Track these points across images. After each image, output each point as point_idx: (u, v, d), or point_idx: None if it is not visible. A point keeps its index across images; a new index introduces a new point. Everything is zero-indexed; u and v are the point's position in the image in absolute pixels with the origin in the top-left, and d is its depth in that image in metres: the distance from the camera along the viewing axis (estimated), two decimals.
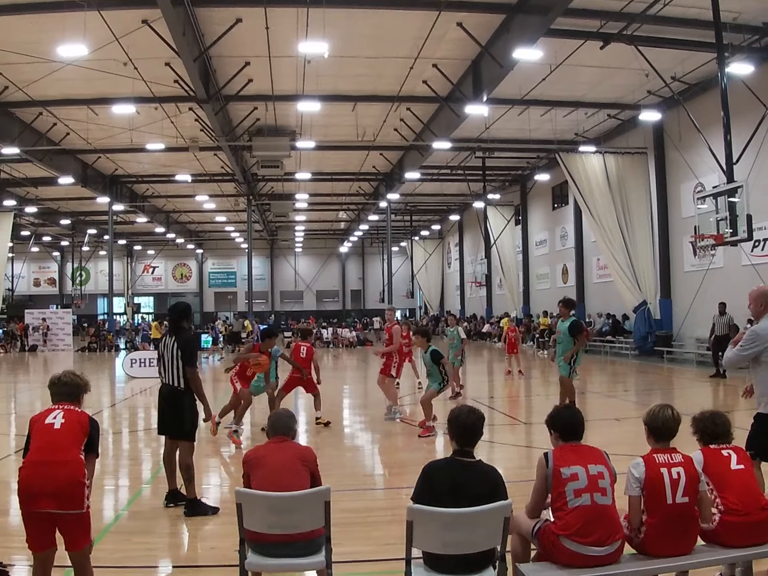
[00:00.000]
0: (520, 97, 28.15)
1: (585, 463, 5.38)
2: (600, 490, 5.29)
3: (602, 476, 5.34)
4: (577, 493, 5.25)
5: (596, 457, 5.49)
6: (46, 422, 5.64)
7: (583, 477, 5.29)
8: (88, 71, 23.57)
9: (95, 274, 72.23)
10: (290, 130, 33.63)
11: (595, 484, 5.29)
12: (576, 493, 5.26)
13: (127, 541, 7.57)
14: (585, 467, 5.34)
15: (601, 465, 5.41)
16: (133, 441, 14.52)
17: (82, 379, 6.13)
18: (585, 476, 5.30)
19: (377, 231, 68.25)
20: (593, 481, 5.29)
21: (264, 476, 5.77)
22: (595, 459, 5.46)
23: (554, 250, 44.74)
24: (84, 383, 6.12)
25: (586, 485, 5.27)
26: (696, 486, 5.43)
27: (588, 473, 5.32)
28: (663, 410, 5.72)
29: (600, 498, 5.26)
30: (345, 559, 6.65)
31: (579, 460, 5.40)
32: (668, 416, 5.69)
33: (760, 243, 25.08)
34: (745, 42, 23.08)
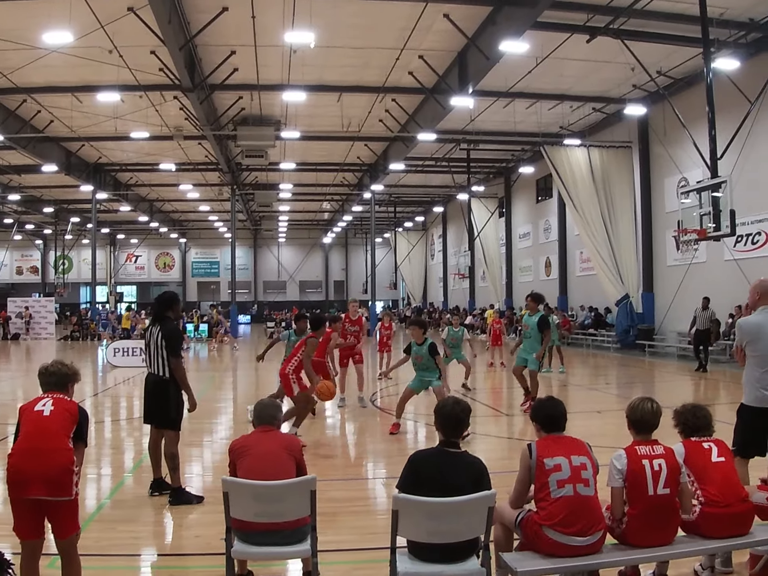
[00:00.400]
0: (505, 89, 28.20)
1: (568, 454, 5.43)
2: (583, 480, 5.34)
3: (585, 467, 5.39)
4: (560, 484, 5.30)
5: (579, 449, 5.55)
6: (36, 410, 5.65)
7: (566, 468, 5.34)
8: (73, 58, 23.43)
9: (78, 262, 71.89)
10: (275, 119, 33.56)
11: (578, 475, 5.34)
12: (559, 484, 5.30)
13: (112, 529, 7.57)
14: (568, 458, 5.39)
15: (583, 456, 5.47)
16: (116, 430, 14.49)
17: (70, 369, 6.13)
18: (568, 467, 5.35)
19: (361, 222, 68.24)
20: (576, 472, 5.35)
21: (250, 465, 5.80)
22: (578, 450, 5.52)
23: (538, 243, 44.85)
24: (72, 372, 6.12)
25: (569, 476, 5.32)
26: (677, 477, 5.48)
27: (571, 464, 5.37)
28: (643, 403, 5.78)
29: (583, 489, 5.32)
30: (330, 548, 6.67)
31: (562, 451, 5.45)
32: (648, 409, 5.74)
33: (743, 238, 25.24)
34: (731, 37, 23.19)
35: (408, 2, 21.31)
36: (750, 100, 23.07)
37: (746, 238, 25.41)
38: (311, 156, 41.71)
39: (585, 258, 36.69)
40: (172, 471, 8.59)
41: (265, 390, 17.51)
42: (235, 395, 20.80)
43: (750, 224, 25.10)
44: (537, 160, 39.19)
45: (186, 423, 11.35)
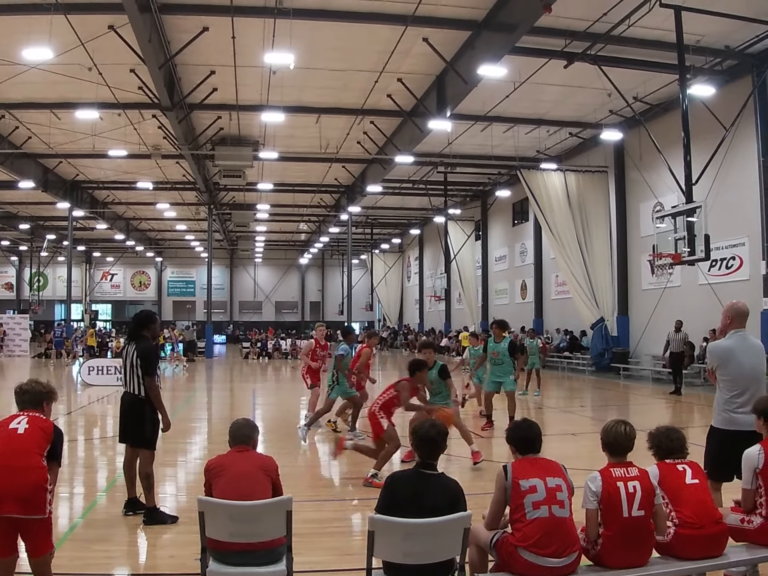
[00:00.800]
0: (483, 113, 28.42)
1: (543, 476, 5.45)
2: (558, 502, 5.36)
3: (560, 489, 5.42)
4: (536, 505, 5.31)
5: (554, 470, 5.57)
6: (10, 427, 5.63)
7: (542, 489, 5.36)
8: (53, 75, 23.36)
9: (53, 279, 71.42)
10: (253, 140, 33.60)
11: (553, 497, 5.36)
12: (534, 505, 5.31)
13: (86, 548, 7.50)
14: (543, 480, 5.41)
15: (559, 478, 5.49)
16: (90, 449, 14.38)
17: (45, 387, 6.12)
18: (543, 488, 5.36)
19: (337, 243, 68.26)
20: (551, 494, 5.37)
21: (226, 485, 5.77)
22: (553, 472, 5.54)
23: (513, 266, 45.02)
24: (47, 391, 6.11)
25: (545, 497, 5.34)
26: (651, 499, 5.51)
27: (546, 486, 5.38)
28: (617, 426, 5.81)
29: (558, 510, 5.33)
30: (306, 568, 6.65)
31: (537, 472, 5.47)
32: (621, 432, 5.77)
33: (717, 263, 25.46)
34: (707, 64, 23.46)
35: (387, 26, 21.45)
36: (725, 127, 23.32)
37: (720, 262, 25.63)
38: (289, 177, 41.74)
39: (560, 281, 36.84)
40: (146, 490, 8.53)
41: (240, 410, 17.49)
42: (209, 415, 20.72)
43: (724, 249, 25.32)
44: (514, 183, 39.42)
45: (161, 442, 11.28)
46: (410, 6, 19.89)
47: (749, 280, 24.68)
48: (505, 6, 19.97)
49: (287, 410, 20.02)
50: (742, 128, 23.87)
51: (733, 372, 7.29)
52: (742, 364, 7.31)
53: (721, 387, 7.37)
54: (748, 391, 7.16)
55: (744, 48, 22.98)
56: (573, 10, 20.01)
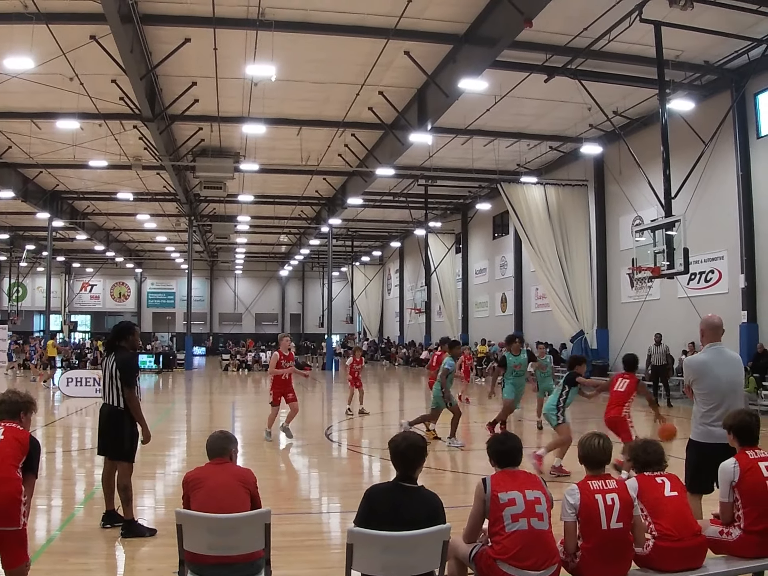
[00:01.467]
0: (464, 126, 28.47)
1: (522, 489, 5.46)
2: (537, 515, 5.36)
3: (539, 501, 5.43)
4: (515, 518, 5.32)
5: (533, 483, 5.58)
6: None
7: (521, 502, 5.37)
8: (34, 84, 23.23)
9: (32, 290, 70.87)
10: (234, 151, 33.56)
11: (532, 509, 5.37)
12: (513, 518, 5.32)
13: (64, 561, 7.44)
14: (522, 492, 5.43)
15: (537, 491, 5.50)
16: (68, 461, 14.30)
17: (23, 398, 6.08)
18: (522, 501, 5.37)
19: (318, 255, 68.25)
20: (530, 506, 5.37)
21: (204, 497, 5.73)
22: (532, 485, 5.55)
23: (494, 279, 45.10)
24: (24, 401, 6.07)
25: (524, 510, 5.34)
26: (630, 512, 5.54)
27: (525, 498, 5.40)
28: (592, 439, 5.87)
29: (537, 523, 5.34)
30: None
31: (516, 485, 5.48)
32: (596, 445, 5.83)
33: (696, 276, 25.60)
34: (686, 79, 23.65)
35: (369, 39, 21.49)
36: (704, 141, 23.46)
37: (699, 276, 25.78)
38: (270, 189, 41.70)
39: (540, 294, 36.93)
40: (124, 503, 8.47)
41: (219, 423, 17.43)
42: (188, 427, 20.63)
43: (703, 262, 25.49)
44: (494, 197, 39.49)
45: (139, 455, 11.20)
46: (392, 19, 19.96)
47: (728, 293, 24.84)
48: (486, 20, 20.06)
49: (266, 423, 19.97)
50: (721, 143, 24.04)
51: (709, 386, 7.34)
52: (719, 377, 7.37)
53: (698, 401, 7.43)
54: (724, 404, 7.20)
55: (723, 63, 23.18)
56: (554, 24, 20.14)
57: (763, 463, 5.88)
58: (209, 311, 77.66)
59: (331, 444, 16.41)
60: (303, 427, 18.47)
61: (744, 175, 23.85)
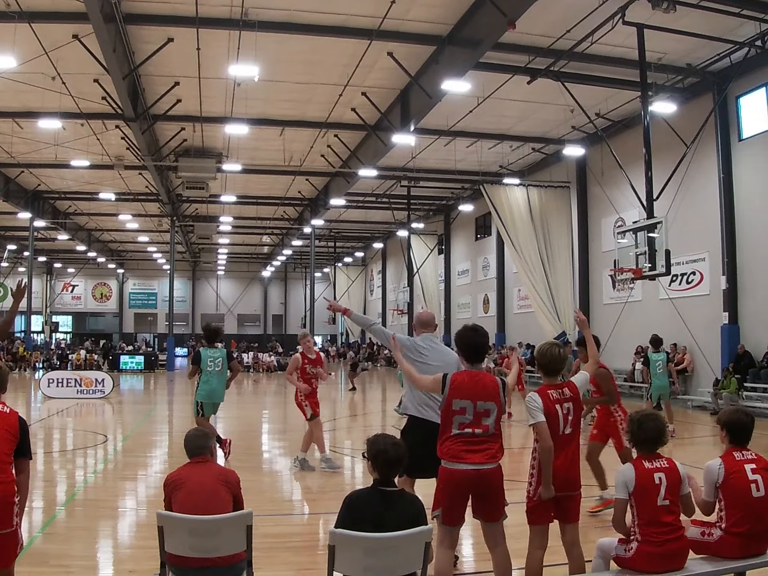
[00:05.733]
0: (447, 128, 28.50)
1: (475, 399, 5.84)
2: (483, 427, 5.86)
3: (488, 413, 5.88)
4: (461, 427, 5.82)
5: (488, 392, 5.96)
6: None
7: (471, 412, 5.82)
8: (16, 83, 23.13)
9: None
10: (217, 152, 33.50)
11: (479, 422, 5.84)
12: (460, 427, 5.82)
13: (44, 563, 7.40)
14: (474, 403, 5.83)
15: (490, 401, 5.90)
16: (49, 462, 14.23)
17: None
18: (472, 411, 5.82)
19: (300, 256, 68.16)
20: (478, 418, 5.85)
21: (185, 498, 5.65)
22: (487, 394, 5.94)
23: (476, 280, 45.19)
24: None
25: (471, 421, 5.82)
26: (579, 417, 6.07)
27: (475, 409, 5.82)
28: (552, 348, 6.24)
29: (482, 434, 5.87)
30: None
31: (471, 393, 5.90)
32: (556, 354, 6.18)
33: (678, 278, 25.71)
34: (668, 81, 23.78)
35: (353, 39, 21.50)
36: (686, 143, 23.54)
37: (681, 277, 25.89)
38: (252, 189, 41.66)
39: (523, 295, 36.99)
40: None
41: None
42: (170, 428, 20.57)
43: (685, 264, 25.60)
44: (476, 198, 39.53)
45: (120, 456, 11.17)
46: (375, 20, 19.99)
47: (709, 294, 24.96)
48: (469, 22, 20.10)
49: (249, 424, 19.93)
50: (703, 145, 24.13)
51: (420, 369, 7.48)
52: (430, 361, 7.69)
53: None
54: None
55: (705, 66, 23.27)
56: (537, 26, 20.19)
57: (749, 465, 5.86)
58: (191, 312, 77.43)
59: (313, 445, 16.36)
60: (285, 428, 18.45)
61: (726, 177, 23.96)
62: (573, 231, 33.05)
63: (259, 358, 50.79)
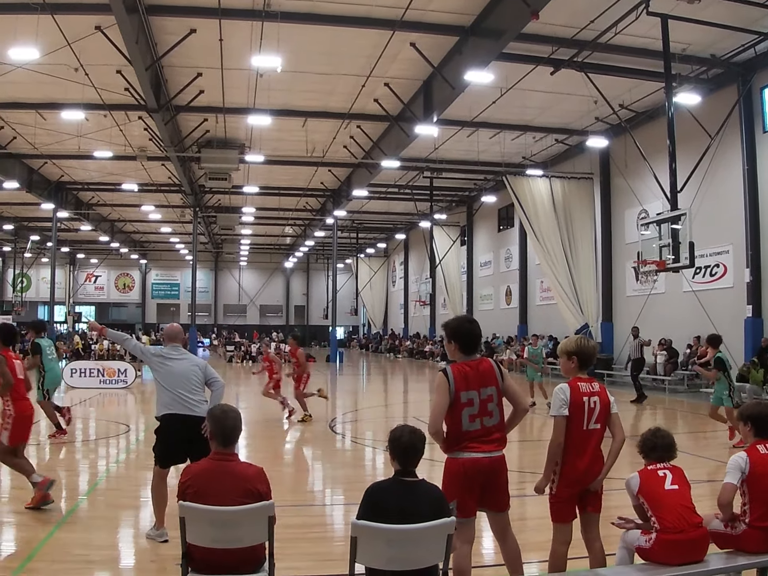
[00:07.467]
0: (469, 118, 28.42)
1: (478, 387, 5.84)
2: (488, 413, 5.85)
3: (491, 399, 5.88)
4: (471, 419, 5.79)
5: (488, 377, 5.96)
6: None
7: (477, 402, 5.81)
8: (39, 75, 23.20)
9: (37, 281, 70.95)
10: (240, 143, 33.52)
11: (485, 409, 5.84)
12: (470, 419, 5.79)
13: (67, 552, 7.44)
14: (478, 391, 5.82)
15: (491, 386, 5.91)
16: (71, 452, 14.29)
17: None
18: (477, 401, 5.81)
19: (323, 247, 68.06)
20: (483, 406, 5.83)
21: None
22: (488, 379, 5.94)
23: (498, 272, 45.10)
24: None
25: (478, 411, 5.81)
26: (608, 412, 6.05)
27: (480, 398, 5.83)
28: (588, 341, 6.30)
29: (488, 421, 5.85)
30: (286, 575, 6.56)
31: (474, 383, 5.87)
32: (592, 346, 6.32)
33: (702, 270, 25.55)
34: (692, 73, 23.56)
35: (375, 30, 21.43)
36: (710, 135, 23.40)
37: (705, 270, 25.73)
38: (275, 180, 41.71)
39: (545, 287, 36.91)
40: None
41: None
42: None
43: (708, 256, 25.41)
44: (499, 189, 39.41)
45: (142, 446, 11.20)
46: (398, 11, 19.91)
47: (733, 287, 24.81)
48: (492, 12, 19.99)
49: (270, 414, 19.95)
50: (727, 137, 23.97)
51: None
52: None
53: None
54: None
55: (730, 57, 23.10)
56: (560, 17, 20.07)
57: None
58: (214, 303, 77.74)
59: (335, 436, 16.40)
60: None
61: (750, 169, 23.79)
62: (596, 223, 32.92)
63: (281, 348, 50.79)
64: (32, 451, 14.08)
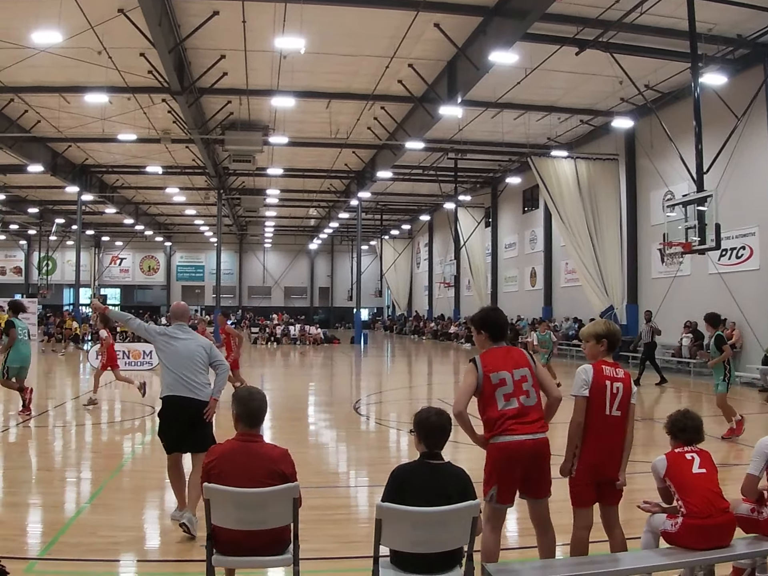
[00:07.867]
0: (494, 99, 28.29)
1: (510, 368, 5.83)
2: (524, 392, 5.81)
3: (525, 379, 5.84)
4: (507, 398, 5.76)
5: (520, 361, 5.96)
6: None
7: (510, 382, 5.78)
8: (62, 59, 23.31)
9: (62, 264, 71.39)
10: (263, 125, 33.53)
11: (519, 388, 5.79)
12: (505, 398, 5.76)
13: (92, 534, 7.49)
14: (510, 372, 5.80)
15: (524, 368, 5.89)
16: (97, 434, 14.41)
17: None
18: (511, 381, 5.79)
19: (347, 229, 68.16)
20: (518, 385, 5.80)
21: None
22: (520, 362, 5.93)
23: (523, 253, 44.94)
24: None
25: (513, 390, 5.78)
26: (629, 400, 6.01)
27: (513, 378, 5.79)
28: (614, 325, 6.40)
29: (525, 400, 5.79)
30: (312, 556, 6.59)
31: (505, 364, 5.87)
32: (618, 330, 6.37)
33: (728, 252, 25.34)
34: (719, 53, 23.28)
35: (399, 11, 21.33)
36: (737, 116, 23.18)
37: (731, 252, 25.51)
38: (299, 162, 41.74)
39: (570, 269, 36.76)
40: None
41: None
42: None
43: (735, 238, 25.18)
44: (524, 170, 39.28)
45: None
46: None
47: (759, 269, 24.60)
48: None
49: (295, 396, 20.02)
50: (754, 117, 23.73)
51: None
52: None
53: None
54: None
55: (756, 37, 22.82)
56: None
57: None
58: (238, 284, 77.96)
59: (359, 417, 16.43)
60: (331, 401, 18.48)
61: None
62: (621, 204, 32.73)
63: (306, 330, 50.96)
64: (58, 434, 14.23)
